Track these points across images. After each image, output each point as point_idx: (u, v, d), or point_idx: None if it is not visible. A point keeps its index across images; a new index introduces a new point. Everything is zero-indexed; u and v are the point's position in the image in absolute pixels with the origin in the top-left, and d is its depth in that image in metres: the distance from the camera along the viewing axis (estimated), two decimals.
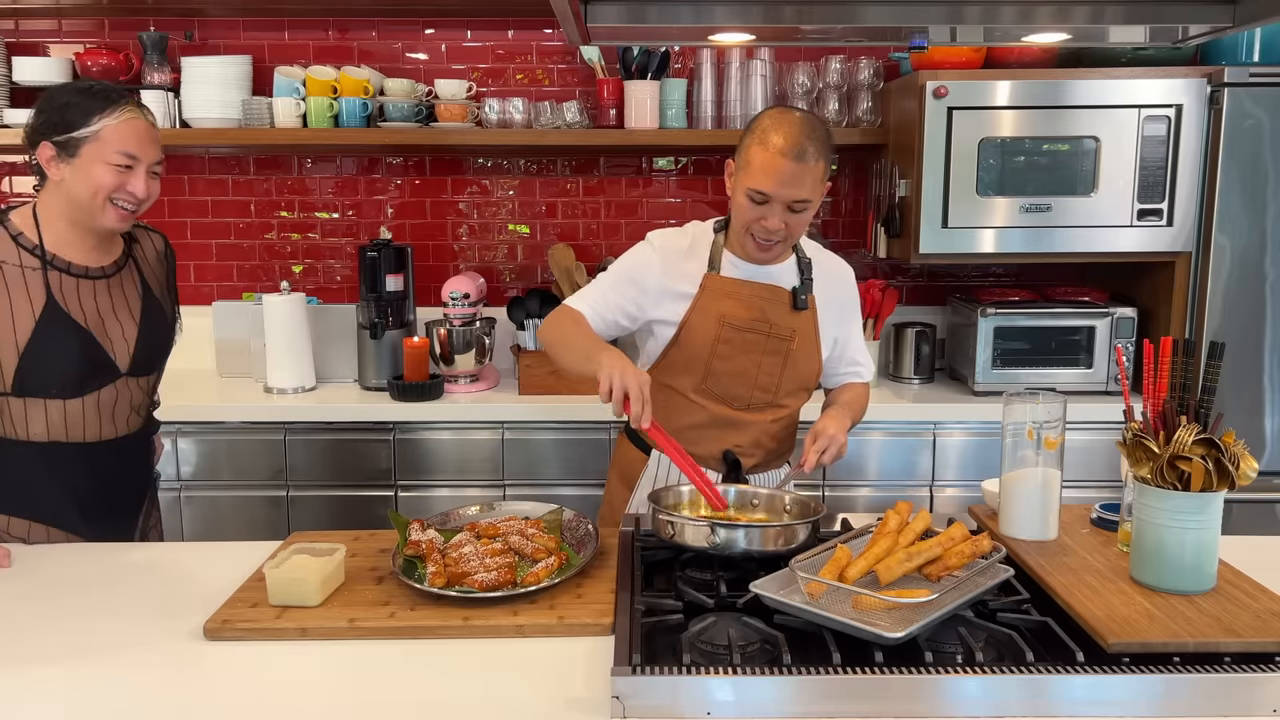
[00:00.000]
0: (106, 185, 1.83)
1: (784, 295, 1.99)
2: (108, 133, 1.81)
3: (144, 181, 1.87)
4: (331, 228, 3.47)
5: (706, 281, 1.98)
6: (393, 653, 1.40)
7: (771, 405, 2.03)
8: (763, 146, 1.84)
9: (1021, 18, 1.66)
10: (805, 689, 1.23)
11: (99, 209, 1.84)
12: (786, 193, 1.85)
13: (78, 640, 1.45)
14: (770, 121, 1.86)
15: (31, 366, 1.82)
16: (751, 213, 1.89)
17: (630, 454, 2.14)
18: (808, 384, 2.08)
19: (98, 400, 1.90)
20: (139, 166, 1.85)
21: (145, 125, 1.87)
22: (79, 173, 1.82)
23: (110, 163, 1.82)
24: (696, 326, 1.97)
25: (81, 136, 1.81)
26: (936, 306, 3.43)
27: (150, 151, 1.87)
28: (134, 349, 1.94)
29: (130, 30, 3.28)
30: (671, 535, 1.62)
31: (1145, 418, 1.48)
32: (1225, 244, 2.84)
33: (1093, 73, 2.85)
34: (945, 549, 1.46)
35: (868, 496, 2.96)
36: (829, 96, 3.19)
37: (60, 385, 1.85)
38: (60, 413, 1.86)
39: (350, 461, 2.95)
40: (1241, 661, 1.26)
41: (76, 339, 1.85)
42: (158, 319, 2.01)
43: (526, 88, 3.38)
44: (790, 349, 2.00)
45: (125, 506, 2.02)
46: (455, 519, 1.78)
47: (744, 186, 1.88)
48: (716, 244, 2.01)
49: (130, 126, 1.83)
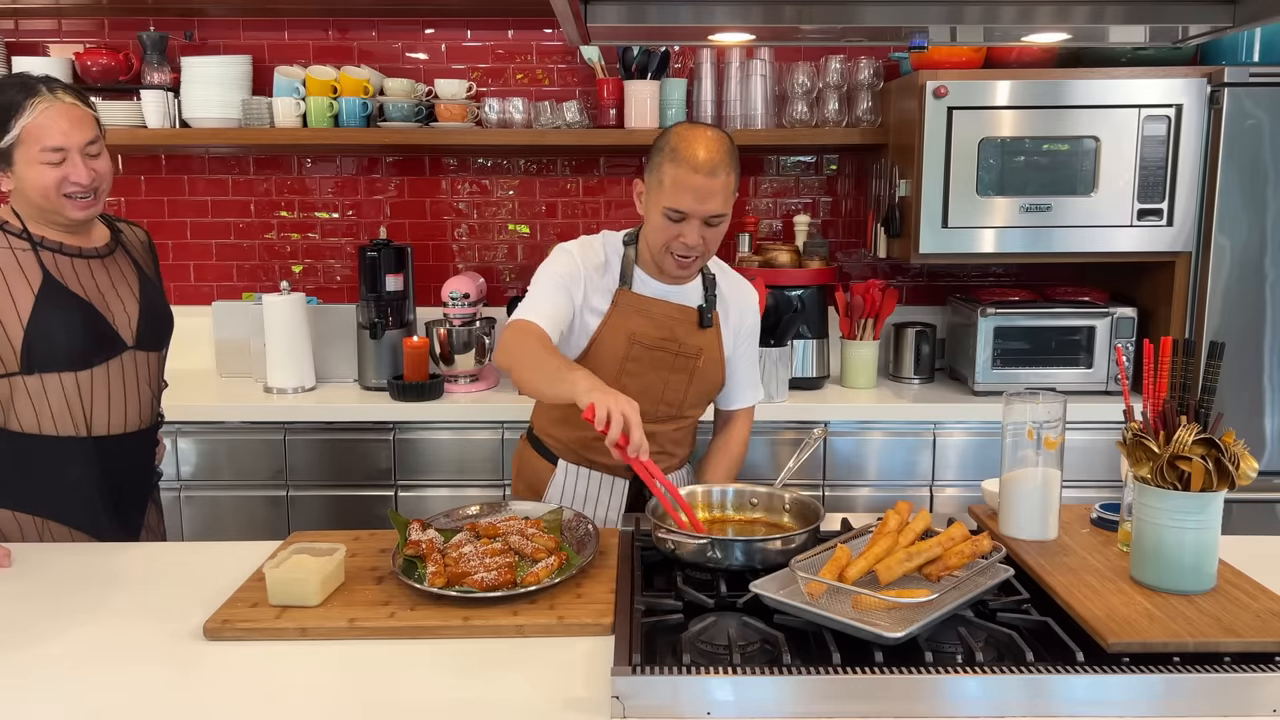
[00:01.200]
0: (49, 183, 1.80)
1: (692, 314, 2.01)
2: (28, 133, 1.78)
3: (83, 168, 1.82)
4: (331, 228, 3.47)
5: (619, 297, 1.97)
6: (393, 653, 1.40)
7: (675, 418, 2.07)
8: (675, 164, 1.84)
9: (1021, 18, 1.66)
10: (805, 689, 1.23)
11: (55, 206, 1.83)
12: (703, 209, 1.85)
13: (78, 640, 1.45)
14: (679, 139, 1.86)
15: (37, 341, 1.83)
16: (669, 231, 1.88)
17: (537, 464, 2.12)
18: (710, 395, 2.13)
19: (107, 375, 1.90)
20: (71, 154, 1.81)
21: (64, 108, 1.81)
22: (22, 179, 1.81)
23: (42, 161, 1.79)
24: (607, 342, 1.96)
25: (9, 145, 1.79)
26: (936, 306, 3.43)
27: (76, 134, 1.81)
28: (137, 323, 1.95)
29: (130, 30, 3.28)
30: (673, 550, 1.61)
31: (1145, 418, 1.48)
32: (1225, 244, 2.84)
33: (1093, 73, 2.85)
34: (945, 549, 1.46)
35: (868, 496, 2.96)
36: (829, 96, 3.19)
37: (68, 357, 1.85)
38: (74, 388, 1.86)
39: (350, 461, 2.95)
40: (1241, 661, 1.26)
41: (78, 310, 1.86)
42: (156, 297, 2.02)
43: (526, 88, 3.38)
44: (696, 366, 2.02)
45: (133, 504, 2.03)
46: (455, 519, 1.78)
47: (659, 206, 1.87)
48: (628, 259, 2.00)
49: (46, 117, 1.79)
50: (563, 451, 2.08)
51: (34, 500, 1.88)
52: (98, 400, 1.90)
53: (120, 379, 1.92)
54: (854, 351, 3.13)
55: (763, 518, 1.79)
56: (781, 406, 2.93)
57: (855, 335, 3.14)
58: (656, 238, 1.92)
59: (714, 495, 1.82)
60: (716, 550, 1.56)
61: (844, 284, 3.25)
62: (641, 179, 1.95)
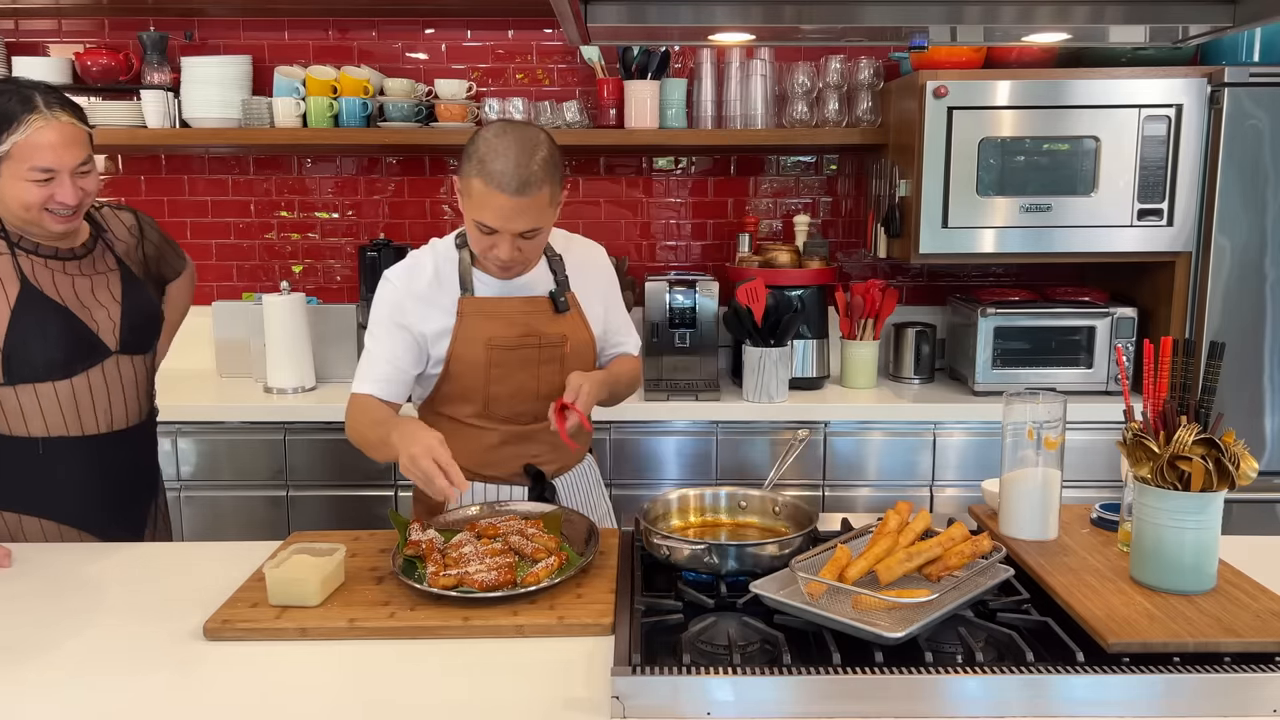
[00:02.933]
0: (32, 200, 1.77)
1: (543, 303, 1.92)
2: (19, 150, 1.73)
3: (70, 189, 1.78)
4: (331, 228, 3.47)
5: (463, 306, 1.88)
6: (393, 653, 1.40)
7: None
8: (483, 179, 1.72)
9: (1021, 18, 1.66)
10: (805, 689, 1.23)
11: (35, 219, 1.80)
12: (511, 227, 1.75)
13: (78, 640, 1.45)
14: (487, 148, 1.73)
15: (15, 351, 1.80)
16: (482, 242, 1.80)
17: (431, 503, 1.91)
18: None
19: (89, 383, 1.87)
20: (61, 175, 1.77)
21: (58, 130, 1.75)
22: (4, 191, 1.77)
23: (29, 179, 1.75)
24: (464, 355, 1.88)
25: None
26: (936, 306, 3.43)
27: (68, 157, 1.77)
28: (120, 328, 1.91)
29: (130, 30, 3.28)
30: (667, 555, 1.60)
31: (1145, 418, 1.48)
32: (1225, 244, 2.84)
33: (1093, 73, 2.85)
34: (945, 549, 1.46)
35: (868, 496, 2.96)
36: (829, 96, 3.19)
37: (48, 367, 1.83)
38: (54, 400, 1.84)
39: (350, 461, 2.94)
40: (1241, 661, 1.26)
41: (57, 318, 1.83)
42: (140, 298, 1.98)
43: (526, 88, 3.38)
44: (564, 353, 1.93)
45: (134, 502, 2.02)
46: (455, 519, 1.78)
47: (469, 215, 1.78)
48: (464, 263, 1.90)
49: (41, 137, 1.74)
50: None
51: (32, 501, 1.88)
52: (83, 406, 1.88)
53: (104, 385, 1.89)
54: (854, 351, 3.13)
55: (755, 521, 1.78)
56: (781, 406, 2.93)
57: (855, 335, 3.14)
58: (473, 244, 1.84)
59: (706, 498, 1.82)
60: (713, 555, 1.55)
61: (844, 284, 3.25)
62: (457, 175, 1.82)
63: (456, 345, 1.88)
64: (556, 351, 1.93)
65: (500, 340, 1.89)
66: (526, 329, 1.90)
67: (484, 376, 1.89)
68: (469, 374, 1.89)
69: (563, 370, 1.92)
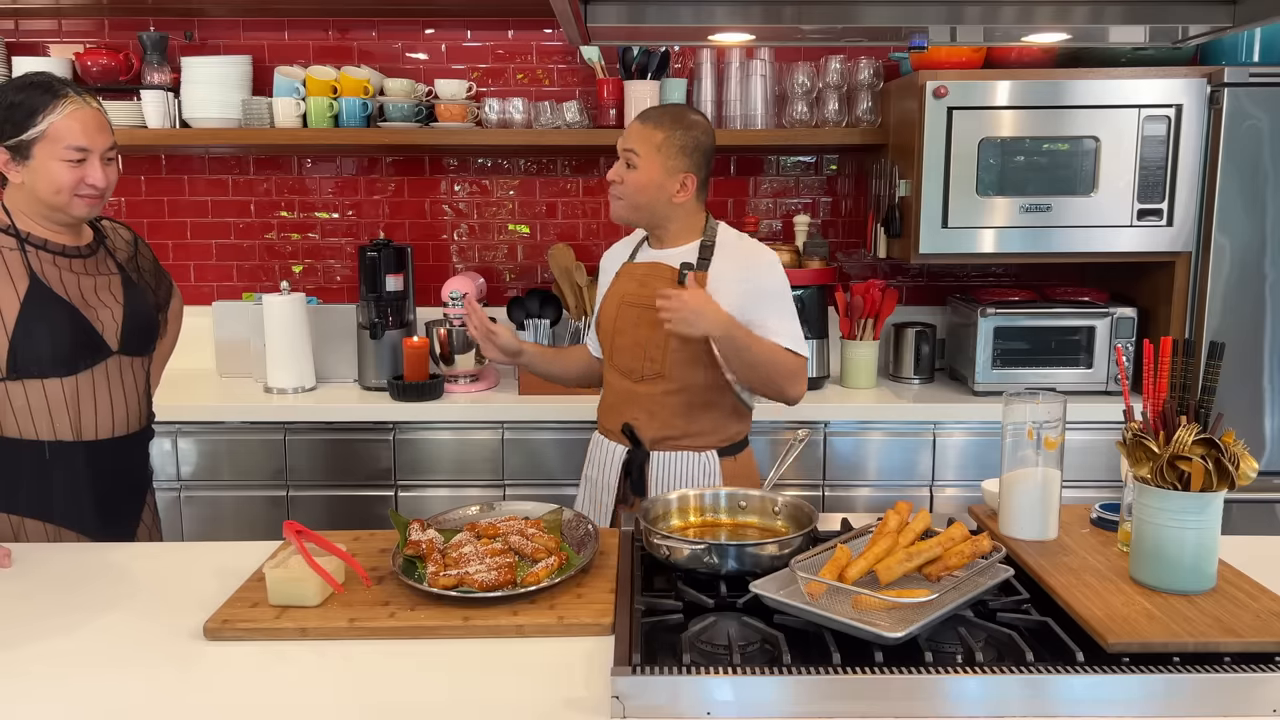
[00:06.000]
0: (66, 182, 1.84)
1: (666, 270, 2.12)
2: (55, 129, 1.82)
3: (100, 171, 1.87)
4: (331, 228, 3.47)
5: (621, 269, 2.23)
6: (393, 653, 1.40)
7: (659, 376, 2.11)
8: None
9: (1021, 18, 1.66)
10: (805, 689, 1.23)
11: (64, 203, 1.86)
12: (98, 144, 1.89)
13: (78, 640, 1.45)
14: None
15: (22, 345, 1.83)
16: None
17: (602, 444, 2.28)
18: (698, 357, 2.09)
19: (92, 381, 1.90)
20: (92, 157, 1.85)
21: (92, 113, 1.87)
22: (37, 174, 1.83)
23: (63, 159, 1.82)
24: (603, 308, 2.24)
25: (31, 138, 1.81)
26: (936, 306, 3.43)
27: (100, 139, 1.87)
28: (122, 328, 1.95)
29: (130, 30, 3.28)
30: (667, 555, 1.60)
31: (1145, 418, 1.48)
32: (1225, 244, 2.84)
33: (1093, 73, 2.85)
34: (945, 549, 1.46)
35: (868, 496, 2.96)
36: (829, 96, 3.19)
37: (53, 362, 1.85)
38: (59, 395, 1.86)
39: (350, 461, 2.95)
40: (1241, 661, 1.26)
41: (64, 314, 1.86)
42: (140, 302, 2.02)
43: (526, 88, 3.38)
44: None
45: (130, 506, 2.03)
46: (455, 519, 1.78)
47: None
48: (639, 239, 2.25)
49: (76, 118, 1.84)
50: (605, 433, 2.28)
51: (32, 506, 1.88)
52: (84, 405, 1.90)
53: (106, 384, 1.92)
54: (854, 351, 3.13)
55: (755, 521, 1.78)
56: (781, 406, 2.92)
57: (855, 335, 3.14)
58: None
59: (706, 499, 1.82)
60: (713, 555, 1.55)
61: (844, 284, 3.25)
62: None
63: (605, 301, 2.24)
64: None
65: (629, 298, 2.16)
66: (649, 289, 2.09)
67: (611, 328, 2.19)
68: (604, 323, 2.22)
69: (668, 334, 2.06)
